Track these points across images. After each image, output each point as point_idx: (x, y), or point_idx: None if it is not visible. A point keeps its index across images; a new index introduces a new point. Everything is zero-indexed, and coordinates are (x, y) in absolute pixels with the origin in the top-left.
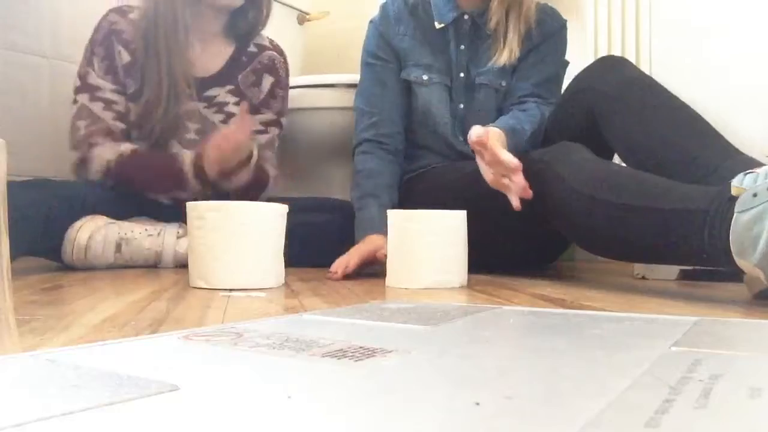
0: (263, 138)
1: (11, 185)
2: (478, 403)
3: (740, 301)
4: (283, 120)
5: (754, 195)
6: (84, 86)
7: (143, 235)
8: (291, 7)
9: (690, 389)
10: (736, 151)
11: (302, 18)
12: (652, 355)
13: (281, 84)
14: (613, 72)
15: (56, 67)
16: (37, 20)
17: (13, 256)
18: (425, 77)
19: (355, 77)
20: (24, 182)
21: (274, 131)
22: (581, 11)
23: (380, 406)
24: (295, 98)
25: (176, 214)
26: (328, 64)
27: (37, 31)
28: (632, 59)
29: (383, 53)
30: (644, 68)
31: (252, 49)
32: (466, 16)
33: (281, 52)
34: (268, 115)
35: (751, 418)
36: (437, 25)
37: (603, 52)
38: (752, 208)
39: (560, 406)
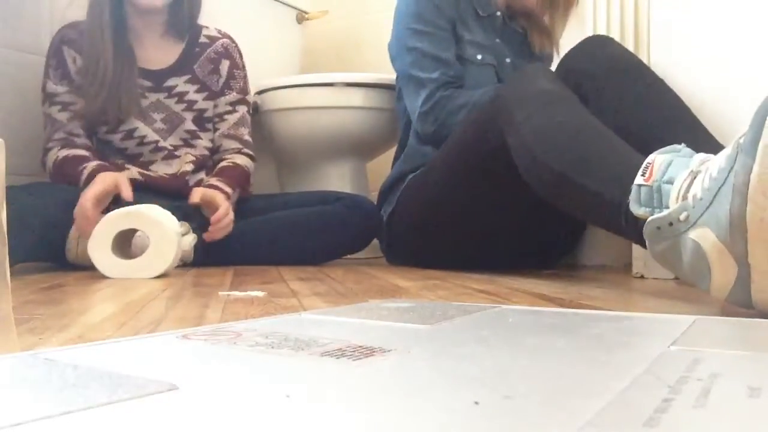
0: (233, 117)
1: (11, 189)
2: (477, 403)
3: None
4: (249, 98)
5: (658, 228)
6: (44, 96)
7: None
8: (290, 6)
9: (689, 388)
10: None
11: (301, 17)
12: (651, 355)
13: (238, 66)
14: (599, 51)
15: None
16: (36, 19)
17: (13, 262)
18: (479, 57)
19: (353, 76)
20: (24, 186)
21: (242, 109)
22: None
23: (379, 406)
24: (294, 97)
25: (177, 216)
26: (326, 63)
27: (36, 29)
28: (631, 44)
29: (440, 20)
30: (643, 54)
31: (203, 40)
32: (498, 13)
33: (232, 39)
34: (231, 96)
35: (750, 418)
36: (481, 13)
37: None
38: (662, 241)
39: (559, 406)
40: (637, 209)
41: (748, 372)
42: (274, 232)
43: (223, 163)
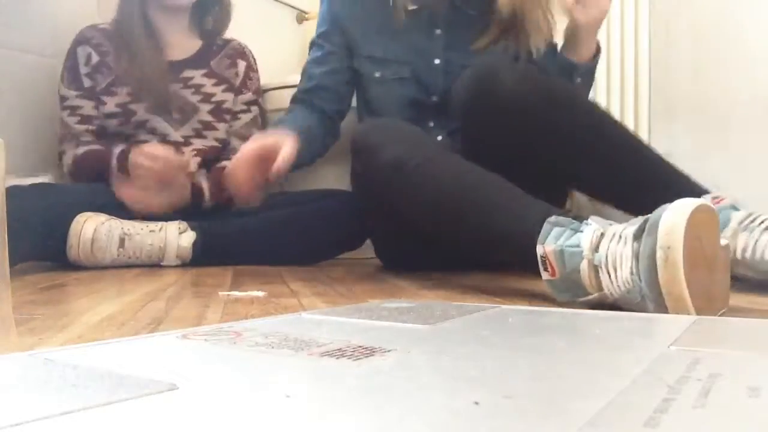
0: (246, 117)
1: (14, 189)
2: (477, 403)
3: (739, 299)
4: (260, 101)
5: (593, 306)
6: (59, 100)
7: (145, 231)
8: (290, 6)
9: (689, 388)
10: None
11: (301, 17)
12: (650, 355)
13: (252, 68)
14: (487, 87)
15: (56, 67)
16: (36, 19)
17: (15, 262)
18: (377, 74)
19: None
20: (25, 186)
21: (255, 110)
22: None
23: (379, 406)
24: None
25: (177, 215)
26: None
27: (38, 30)
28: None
29: (332, 37)
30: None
31: (219, 42)
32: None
33: (245, 45)
34: (248, 96)
35: (750, 418)
36: (410, 7)
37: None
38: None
39: (559, 406)
40: (563, 298)
41: (748, 372)
42: (272, 230)
43: None
